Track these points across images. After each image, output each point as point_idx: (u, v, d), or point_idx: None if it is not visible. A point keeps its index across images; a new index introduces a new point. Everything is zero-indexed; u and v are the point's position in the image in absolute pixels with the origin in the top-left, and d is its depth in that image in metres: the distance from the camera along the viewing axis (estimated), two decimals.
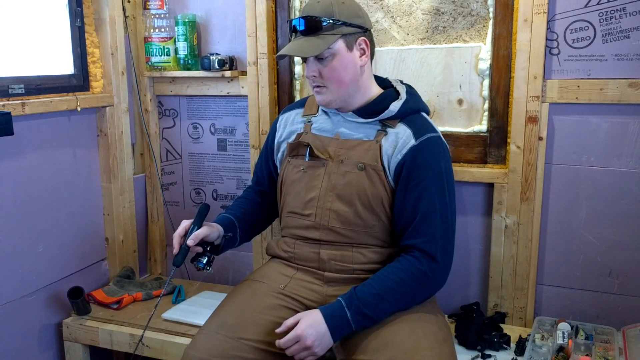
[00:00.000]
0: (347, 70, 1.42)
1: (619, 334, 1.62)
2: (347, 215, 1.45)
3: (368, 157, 1.44)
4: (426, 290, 1.42)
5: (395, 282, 1.36)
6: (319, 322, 1.32)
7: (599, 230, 1.71)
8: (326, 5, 1.40)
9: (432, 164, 1.41)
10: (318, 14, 1.39)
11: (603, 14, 1.60)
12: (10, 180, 1.70)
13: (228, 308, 1.47)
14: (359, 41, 1.43)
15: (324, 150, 1.50)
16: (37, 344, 1.83)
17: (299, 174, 1.52)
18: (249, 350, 1.34)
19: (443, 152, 1.45)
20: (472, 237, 1.85)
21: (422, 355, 1.27)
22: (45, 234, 1.83)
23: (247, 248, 2.14)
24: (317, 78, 1.44)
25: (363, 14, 1.45)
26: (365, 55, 1.44)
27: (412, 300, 1.40)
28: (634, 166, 1.64)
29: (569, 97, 1.66)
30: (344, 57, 1.41)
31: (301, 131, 1.56)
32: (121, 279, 2.00)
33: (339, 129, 1.51)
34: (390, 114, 1.45)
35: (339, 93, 1.44)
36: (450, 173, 1.45)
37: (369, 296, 1.34)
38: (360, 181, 1.44)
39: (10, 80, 1.70)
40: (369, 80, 1.50)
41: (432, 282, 1.40)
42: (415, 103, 1.49)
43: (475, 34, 1.76)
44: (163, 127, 2.21)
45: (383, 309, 1.35)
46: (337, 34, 1.40)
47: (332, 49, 1.40)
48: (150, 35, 2.05)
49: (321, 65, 1.42)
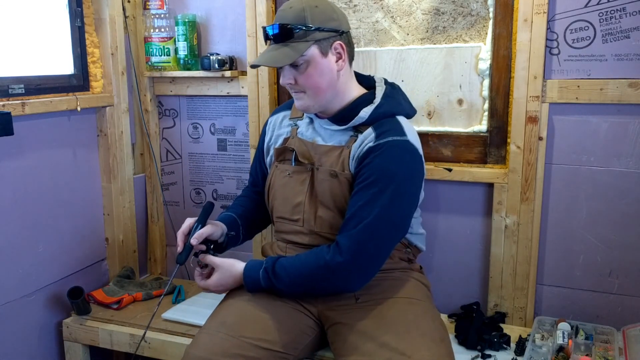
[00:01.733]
0: (323, 77, 1.39)
1: (619, 334, 1.62)
2: (332, 221, 1.44)
3: (338, 165, 1.43)
4: (325, 282, 1.38)
5: (312, 269, 1.37)
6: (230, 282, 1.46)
7: (599, 230, 1.71)
8: (298, 11, 1.36)
9: (383, 165, 1.35)
10: (290, 22, 1.36)
11: (603, 14, 1.60)
12: (10, 180, 1.70)
13: (227, 307, 1.47)
14: (334, 45, 1.39)
15: (309, 156, 1.49)
16: (37, 344, 1.83)
17: (285, 178, 1.52)
18: (249, 348, 1.34)
19: (404, 156, 1.38)
20: (472, 237, 1.85)
21: (419, 355, 1.27)
22: (45, 234, 1.83)
23: (247, 248, 2.14)
24: (293, 85, 1.42)
25: (338, 16, 1.41)
26: (341, 59, 1.41)
27: (310, 286, 1.40)
28: (634, 166, 1.64)
29: (569, 97, 1.66)
30: (319, 63, 1.38)
31: (288, 135, 1.56)
32: (121, 279, 2.00)
33: (316, 135, 1.50)
34: (361, 120, 1.42)
35: (316, 99, 1.42)
36: (407, 178, 1.37)
37: (287, 276, 1.39)
38: (334, 189, 1.43)
39: (10, 80, 1.70)
40: (348, 83, 1.46)
41: (332, 276, 1.36)
42: (390, 107, 1.45)
43: (475, 34, 1.76)
44: (163, 127, 2.21)
45: (289, 283, 1.40)
46: (311, 41, 1.36)
47: (305, 56, 1.36)
48: (150, 35, 2.05)
49: (297, 72, 1.39)
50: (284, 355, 1.38)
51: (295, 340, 1.43)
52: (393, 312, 1.40)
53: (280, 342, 1.39)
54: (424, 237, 1.61)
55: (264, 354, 1.35)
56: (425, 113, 1.85)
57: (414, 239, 1.56)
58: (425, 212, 1.78)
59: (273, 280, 1.41)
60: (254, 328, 1.38)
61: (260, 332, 1.38)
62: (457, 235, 1.87)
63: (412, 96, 1.83)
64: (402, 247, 1.54)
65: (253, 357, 1.34)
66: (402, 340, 1.31)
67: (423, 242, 1.60)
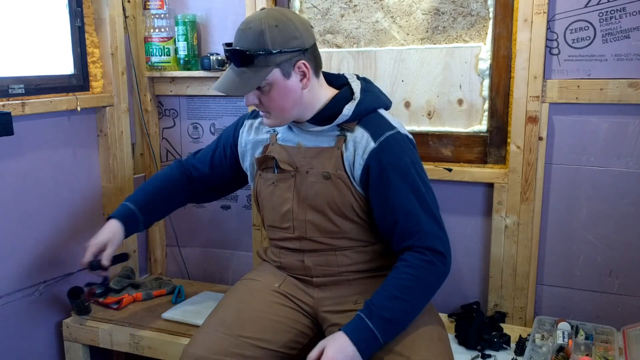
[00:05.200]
0: (287, 98, 1.35)
1: (619, 334, 1.62)
2: (322, 224, 1.43)
3: (331, 166, 1.41)
4: (439, 279, 1.36)
5: (406, 279, 1.31)
6: (345, 345, 1.25)
7: (599, 230, 1.71)
8: (257, 33, 1.29)
9: (397, 161, 1.36)
10: (249, 46, 1.29)
11: (603, 14, 1.60)
12: (10, 180, 1.70)
13: (226, 307, 1.47)
14: (297, 65, 1.33)
15: (291, 162, 1.46)
16: (37, 344, 1.83)
17: (270, 187, 1.50)
18: (248, 347, 1.35)
19: (405, 146, 1.39)
20: (472, 237, 1.85)
21: (418, 355, 1.27)
22: (45, 234, 1.83)
23: (247, 248, 2.14)
24: (259, 105, 1.39)
25: (301, 32, 1.33)
26: (306, 77, 1.35)
27: (428, 292, 1.35)
28: (634, 166, 1.64)
29: (569, 97, 1.66)
30: (282, 86, 1.33)
31: (267, 142, 1.52)
32: (121, 279, 2.00)
33: (300, 138, 1.46)
34: (345, 118, 1.40)
35: (283, 118, 1.40)
36: (418, 164, 1.40)
37: (386, 300, 1.29)
38: (327, 190, 1.41)
39: (10, 80, 1.70)
40: (317, 93, 1.41)
41: (440, 270, 1.35)
42: (370, 102, 1.42)
43: (475, 34, 1.76)
44: (163, 127, 2.21)
45: (403, 309, 1.30)
46: (272, 65, 1.30)
47: (268, 80, 1.32)
48: (150, 35, 2.05)
49: (260, 93, 1.35)
50: (282, 355, 1.39)
51: (293, 341, 1.43)
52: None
53: (279, 342, 1.39)
54: None
55: (263, 354, 1.36)
56: (425, 113, 1.85)
57: None
58: None
59: (395, 319, 1.30)
60: (253, 328, 1.38)
61: (259, 332, 1.38)
62: (457, 235, 1.86)
63: (412, 96, 1.84)
64: None
65: (251, 356, 1.34)
66: (401, 341, 1.30)
67: None
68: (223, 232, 2.19)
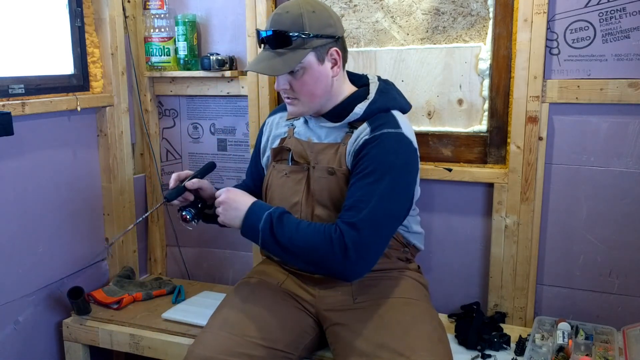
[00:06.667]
0: (319, 84, 1.39)
1: (619, 334, 1.62)
2: (328, 219, 1.42)
3: (335, 162, 1.42)
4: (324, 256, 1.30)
5: (312, 227, 1.33)
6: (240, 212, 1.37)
7: (599, 230, 1.71)
8: (295, 16, 1.33)
9: (380, 156, 1.34)
10: (287, 28, 1.33)
11: (603, 14, 1.60)
12: (10, 180, 1.70)
13: (229, 306, 1.47)
14: (330, 52, 1.38)
15: (305, 155, 1.48)
16: (37, 344, 1.83)
17: (282, 179, 1.51)
18: (253, 347, 1.35)
19: (399, 148, 1.37)
20: (472, 237, 1.85)
21: (418, 355, 1.27)
22: (45, 234, 1.83)
23: (247, 248, 2.14)
24: (288, 90, 1.40)
25: (335, 21, 1.39)
26: (337, 65, 1.40)
27: (308, 253, 1.32)
28: (634, 166, 1.64)
29: (569, 97, 1.66)
30: (315, 70, 1.37)
31: (285, 135, 1.56)
32: (121, 279, 2.00)
33: (312, 133, 1.50)
34: (356, 116, 1.42)
35: (310, 105, 1.42)
36: (402, 169, 1.36)
37: (288, 224, 1.33)
38: (332, 186, 1.42)
39: (10, 80, 1.70)
40: (342, 85, 1.45)
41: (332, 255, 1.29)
42: (385, 102, 1.44)
43: (475, 34, 1.76)
44: (163, 127, 2.21)
45: (285, 245, 1.32)
46: (308, 48, 1.34)
47: (303, 64, 1.35)
48: (150, 35, 2.05)
49: (292, 78, 1.38)
50: (287, 355, 1.39)
51: (296, 340, 1.43)
52: (391, 313, 1.40)
53: (283, 341, 1.39)
54: (422, 237, 1.60)
55: (267, 353, 1.36)
56: (425, 113, 1.85)
57: (412, 238, 1.55)
58: (425, 212, 1.78)
59: (275, 227, 1.33)
60: (257, 327, 1.38)
61: (263, 331, 1.38)
62: (457, 235, 1.87)
63: (412, 96, 1.83)
64: (400, 246, 1.54)
65: (257, 356, 1.34)
66: (400, 341, 1.31)
67: (421, 242, 1.60)
68: (223, 232, 2.18)
